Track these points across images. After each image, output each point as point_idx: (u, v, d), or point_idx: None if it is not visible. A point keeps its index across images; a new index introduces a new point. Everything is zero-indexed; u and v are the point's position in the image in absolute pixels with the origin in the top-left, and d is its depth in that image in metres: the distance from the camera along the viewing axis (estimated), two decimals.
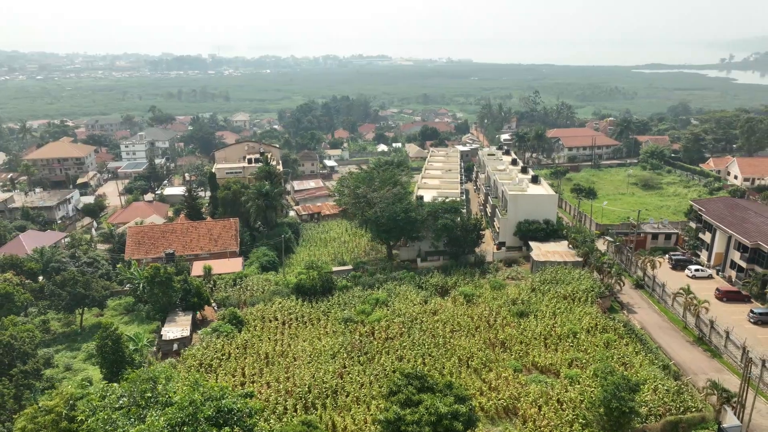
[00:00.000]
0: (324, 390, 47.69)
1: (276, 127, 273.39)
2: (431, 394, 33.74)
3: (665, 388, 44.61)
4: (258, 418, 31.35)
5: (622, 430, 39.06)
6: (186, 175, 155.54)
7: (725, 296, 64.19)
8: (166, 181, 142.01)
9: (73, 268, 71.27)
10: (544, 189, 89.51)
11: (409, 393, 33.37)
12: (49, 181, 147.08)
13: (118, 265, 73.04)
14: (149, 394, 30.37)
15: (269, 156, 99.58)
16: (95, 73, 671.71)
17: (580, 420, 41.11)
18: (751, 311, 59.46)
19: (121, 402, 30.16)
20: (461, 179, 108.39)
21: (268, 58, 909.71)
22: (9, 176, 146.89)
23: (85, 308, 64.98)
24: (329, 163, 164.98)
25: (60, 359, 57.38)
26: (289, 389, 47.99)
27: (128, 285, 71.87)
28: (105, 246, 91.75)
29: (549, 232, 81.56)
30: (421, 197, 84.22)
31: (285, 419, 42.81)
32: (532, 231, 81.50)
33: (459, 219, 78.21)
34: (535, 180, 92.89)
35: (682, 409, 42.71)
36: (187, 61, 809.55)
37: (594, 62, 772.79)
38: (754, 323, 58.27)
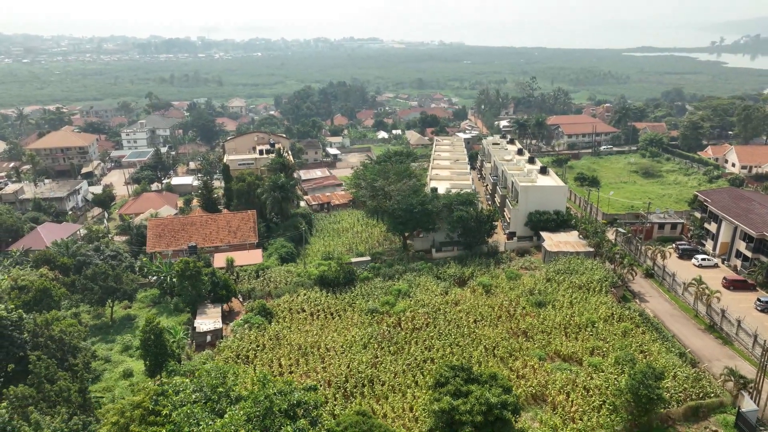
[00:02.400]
0: (360, 380, 50.05)
1: (273, 113, 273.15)
2: (477, 385, 36.14)
3: (684, 375, 47.48)
4: (322, 409, 33.57)
5: (648, 415, 41.89)
6: (191, 163, 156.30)
7: (732, 285, 67.18)
8: (171, 171, 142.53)
9: (98, 261, 72.76)
10: (553, 180, 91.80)
11: (457, 384, 35.75)
12: (53, 171, 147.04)
13: (144, 258, 74.52)
14: (221, 389, 32.42)
15: (281, 148, 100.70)
16: (83, 56, 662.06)
17: (608, 406, 43.85)
18: (759, 299, 62.51)
19: (194, 397, 32.20)
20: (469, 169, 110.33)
21: (258, 41, 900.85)
22: (11, 165, 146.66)
23: (116, 301, 66.57)
24: (332, 151, 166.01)
25: (98, 351, 59.15)
26: (328, 379, 50.29)
27: (153, 277, 73.67)
28: (122, 238, 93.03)
29: (559, 222, 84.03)
30: (435, 189, 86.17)
31: (328, 408, 45.10)
32: (543, 222, 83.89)
33: (472, 210, 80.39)
34: (543, 171, 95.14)
35: (701, 394, 45.65)
36: (176, 44, 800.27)
37: (585, 45, 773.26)
38: (761, 311, 61.30)
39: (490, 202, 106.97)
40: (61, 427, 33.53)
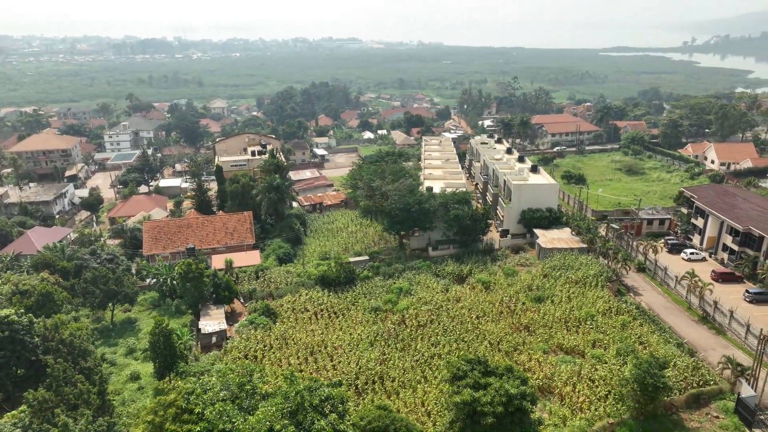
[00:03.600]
0: (370, 376, 50.82)
1: (255, 113, 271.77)
2: (494, 377, 37.23)
3: (684, 364, 49.37)
4: (349, 404, 34.31)
5: (654, 403, 43.53)
6: (177, 165, 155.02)
7: (720, 277, 69.63)
8: (159, 173, 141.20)
9: (95, 264, 72.21)
10: (544, 178, 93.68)
11: (475, 377, 36.80)
12: (35, 174, 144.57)
13: (142, 261, 74.08)
14: (248, 387, 32.93)
15: (275, 149, 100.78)
16: (56, 56, 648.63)
17: (614, 395, 45.43)
18: (747, 291, 65.03)
19: (222, 395, 32.65)
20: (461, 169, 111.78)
21: (236, 41, 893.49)
22: None
23: (117, 304, 66.19)
24: (319, 151, 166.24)
25: (95, 354, 58.84)
26: (338, 377, 50.90)
27: (152, 280, 73.34)
28: (115, 241, 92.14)
29: (552, 219, 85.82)
30: (431, 188, 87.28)
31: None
32: (536, 219, 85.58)
33: (468, 209, 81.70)
34: (534, 169, 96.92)
35: (701, 382, 47.54)
36: (152, 45, 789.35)
37: (562, 45, 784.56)
38: (750, 302, 63.77)
39: (480, 201, 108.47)
40: (88, 429, 33.59)
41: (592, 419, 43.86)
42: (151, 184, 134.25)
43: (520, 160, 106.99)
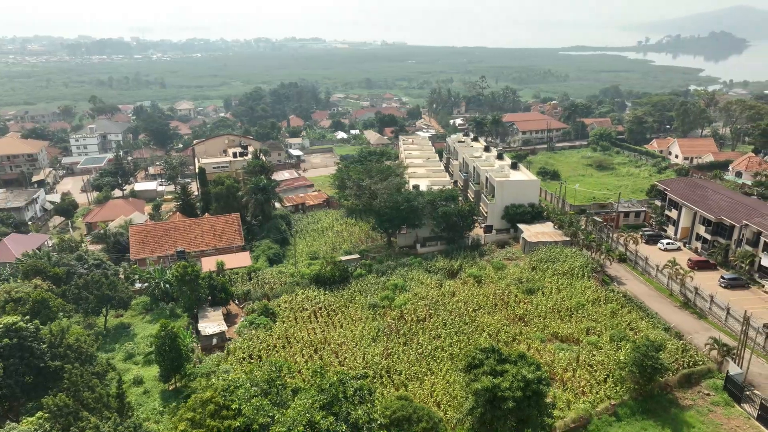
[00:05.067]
0: (377, 370, 51.93)
1: (223, 115, 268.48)
2: (509, 364, 38.97)
3: (674, 347, 52.33)
4: (375, 395, 35.42)
5: (651, 384, 46.19)
6: (150, 168, 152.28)
7: (696, 265, 73.52)
8: (132, 177, 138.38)
9: (82, 270, 70.91)
10: (525, 174, 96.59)
11: (491, 365, 38.45)
12: (0, 180, 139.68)
13: (134, 266, 73.10)
14: (279, 382, 33.66)
15: (258, 150, 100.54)
16: (5, 57, 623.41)
17: (613, 378, 47.92)
18: (722, 277, 69.01)
19: (254, 390, 33.28)
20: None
21: (197, 41, 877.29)
22: None
23: (110, 309, 65.31)
24: (295, 152, 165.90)
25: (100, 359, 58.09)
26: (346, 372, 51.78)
27: (143, 285, 72.40)
28: (97, 246, 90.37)
29: (534, 214, 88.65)
30: (417, 186, 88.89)
31: None
32: (519, 214, 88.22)
33: (455, 206, 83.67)
34: (514, 166, 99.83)
35: (691, 363, 50.57)
36: (109, 45, 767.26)
37: (523, 45, 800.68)
38: (725, 287, 67.69)
39: (462, 198, 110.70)
40: (118, 430, 33.58)
41: (595, 402, 46.20)
42: (125, 187, 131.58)
43: (500, 157, 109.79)
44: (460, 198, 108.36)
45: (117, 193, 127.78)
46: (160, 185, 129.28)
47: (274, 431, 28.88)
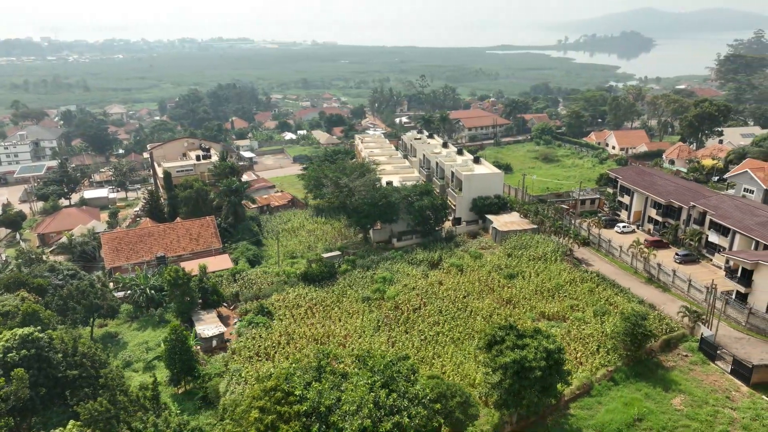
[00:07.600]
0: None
1: (158, 118, 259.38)
2: (527, 338, 42.35)
3: (652, 316, 57.96)
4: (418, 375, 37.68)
5: (640, 350, 51.31)
6: (95, 175, 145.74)
7: (652, 244, 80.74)
8: (79, 185, 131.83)
9: (57, 281, 68.26)
10: (488, 168, 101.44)
11: (512, 340, 41.68)
12: None
13: (116, 274, 70.92)
14: (329, 368, 35.26)
15: (225, 152, 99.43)
16: None
17: (606, 347, 52.72)
18: (676, 254, 76.44)
19: (306, 377, 34.68)
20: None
21: (116, 42, 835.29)
22: None
23: (97, 318, 63.46)
24: (247, 154, 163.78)
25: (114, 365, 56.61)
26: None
27: (126, 292, 70.47)
28: (60, 257, 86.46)
29: (500, 205, 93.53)
30: (391, 182, 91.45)
31: None
32: (487, 205, 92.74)
33: (429, 200, 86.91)
34: (477, 161, 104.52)
35: (668, 330, 56.34)
36: (17, 46, 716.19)
37: (452, 44, 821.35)
38: (680, 263, 75.00)
39: None
40: (173, 427, 33.77)
41: (592, 369, 50.73)
42: (70, 196, 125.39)
43: (459, 152, 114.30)
44: (437, 191, 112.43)
45: (64, 202, 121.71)
46: (111, 192, 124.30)
47: (343, 411, 30.53)
